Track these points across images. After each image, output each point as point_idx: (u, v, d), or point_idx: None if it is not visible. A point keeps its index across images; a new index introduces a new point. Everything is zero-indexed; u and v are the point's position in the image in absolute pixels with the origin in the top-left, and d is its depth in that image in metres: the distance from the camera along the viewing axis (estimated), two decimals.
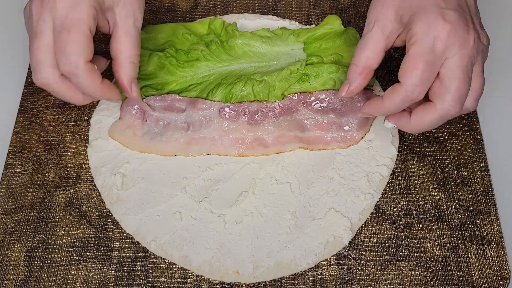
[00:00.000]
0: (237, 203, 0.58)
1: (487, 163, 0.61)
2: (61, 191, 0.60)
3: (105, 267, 0.56)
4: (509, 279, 0.55)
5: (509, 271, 0.56)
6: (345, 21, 0.70)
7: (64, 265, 0.56)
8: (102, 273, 0.55)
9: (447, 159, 0.61)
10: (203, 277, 0.55)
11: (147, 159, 0.60)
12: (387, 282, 0.55)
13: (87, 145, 0.62)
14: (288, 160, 0.60)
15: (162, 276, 0.55)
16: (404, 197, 0.59)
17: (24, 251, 0.56)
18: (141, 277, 0.55)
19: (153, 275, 0.55)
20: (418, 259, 0.56)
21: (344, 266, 0.56)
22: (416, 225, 0.58)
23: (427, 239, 0.57)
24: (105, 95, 0.53)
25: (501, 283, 0.55)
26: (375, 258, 0.56)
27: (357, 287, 0.55)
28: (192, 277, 0.55)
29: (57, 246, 0.57)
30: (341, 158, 0.60)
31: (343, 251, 0.56)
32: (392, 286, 0.55)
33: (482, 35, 0.52)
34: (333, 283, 0.55)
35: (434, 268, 0.56)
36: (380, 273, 0.56)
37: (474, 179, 0.60)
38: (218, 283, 0.55)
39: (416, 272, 0.56)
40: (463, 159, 0.61)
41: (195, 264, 0.55)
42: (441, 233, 0.57)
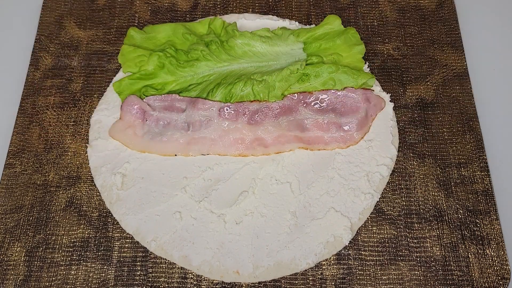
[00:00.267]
0: (237, 203, 0.58)
1: (487, 163, 0.61)
2: (61, 191, 0.60)
3: (105, 267, 0.56)
4: (509, 279, 0.55)
5: (509, 271, 0.56)
6: (345, 21, 0.70)
7: (64, 265, 0.56)
8: (102, 273, 0.55)
9: (447, 159, 0.61)
10: (203, 277, 0.55)
11: (147, 159, 0.60)
12: (387, 282, 0.55)
13: (87, 145, 0.62)
14: (288, 160, 0.60)
15: (162, 276, 0.55)
16: (404, 197, 0.59)
17: (24, 251, 0.56)
18: (141, 277, 0.55)
19: (153, 275, 0.55)
20: (418, 259, 0.56)
21: (344, 266, 0.56)
22: (416, 225, 0.58)
23: (427, 239, 0.57)
24: None
25: (501, 283, 0.55)
26: (375, 258, 0.56)
27: (357, 287, 0.55)
28: (192, 277, 0.55)
29: (57, 246, 0.57)
30: (341, 158, 0.60)
31: (343, 251, 0.56)
32: (392, 286, 0.55)
33: None
34: (333, 283, 0.55)
35: (434, 268, 0.56)
36: (380, 273, 0.55)
37: (474, 179, 0.60)
38: (218, 283, 0.55)
39: (416, 272, 0.56)
40: (463, 159, 0.61)
41: (195, 264, 0.55)
42: (441, 233, 0.57)
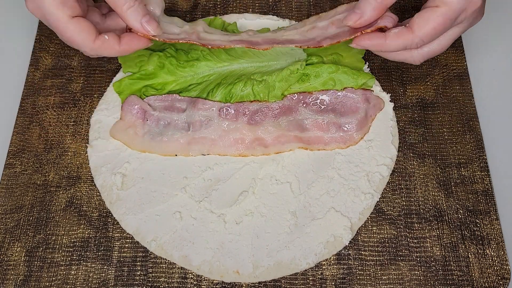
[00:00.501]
0: (237, 203, 0.58)
1: (487, 163, 0.61)
2: (61, 191, 0.60)
3: (105, 267, 0.56)
4: (509, 279, 0.55)
5: (509, 271, 0.56)
6: None
7: (64, 265, 0.56)
8: (102, 273, 0.55)
9: (447, 159, 0.61)
10: (203, 277, 0.55)
11: (147, 159, 0.60)
12: (387, 282, 0.55)
13: (87, 145, 0.62)
14: (288, 160, 0.60)
15: (162, 276, 0.55)
16: (404, 197, 0.59)
17: (24, 251, 0.56)
18: (141, 277, 0.55)
19: (153, 275, 0.55)
20: (418, 259, 0.56)
21: (344, 266, 0.56)
22: (416, 225, 0.58)
23: (427, 239, 0.57)
24: (132, 50, 0.55)
25: (501, 283, 0.55)
26: (375, 258, 0.56)
27: (357, 287, 0.55)
28: (192, 277, 0.55)
29: (57, 246, 0.57)
30: (341, 158, 0.60)
31: (343, 251, 0.56)
32: (392, 286, 0.55)
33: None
34: (333, 283, 0.55)
35: (434, 268, 0.56)
36: (380, 273, 0.56)
37: (474, 179, 0.60)
38: (218, 283, 0.55)
39: (416, 272, 0.56)
40: (463, 159, 0.61)
41: (195, 264, 0.55)
42: (441, 233, 0.57)
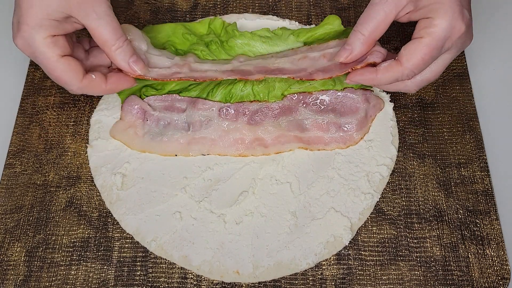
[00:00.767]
0: (237, 203, 0.58)
1: (487, 163, 0.61)
2: (61, 191, 0.60)
3: (105, 267, 0.56)
4: (509, 279, 0.55)
5: (509, 271, 0.56)
6: (345, 21, 0.70)
7: (64, 265, 0.56)
8: (102, 273, 0.55)
9: (447, 159, 0.61)
10: (203, 277, 0.55)
11: (147, 159, 0.60)
12: (387, 282, 0.55)
13: (87, 145, 0.62)
14: (288, 160, 0.60)
15: (162, 276, 0.55)
16: (404, 197, 0.59)
17: (24, 251, 0.56)
18: (141, 277, 0.55)
19: (153, 275, 0.55)
20: (418, 259, 0.56)
21: (344, 266, 0.56)
22: (416, 225, 0.58)
23: (427, 239, 0.57)
24: (118, 89, 0.57)
25: (501, 283, 0.55)
26: (375, 258, 0.56)
27: (357, 287, 0.55)
28: (192, 277, 0.55)
29: (57, 246, 0.57)
30: (341, 158, 0.60)
31: (343, 251, 0.56)
32: (392, 286, 0.55)
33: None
34: (333, 283, 0.55)
35: (434, 268, 0.56)
36: (380, 273, 0.56)
37: (474, 179, 0.60)
38: (218, 283, 0.55)
39: (416, 272, 0.56)
40: (463, 159, 0.61)
41: (195, 264, 0.55)
42: (441, 233, 0.57)
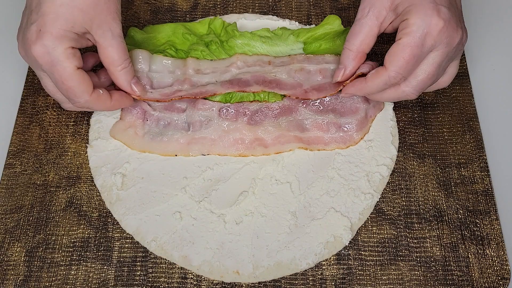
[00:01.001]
0: (237, 203, 0.58)
1: (487, 163, 0.61)
2: (61, 191, 0.60)
3: (105, 267, 0.56)
4: (509, 279, 0.55)
5: (509, 271, 0.56)
6: (345, 21, 0.70)
7: (64, 265, 0.56)
8: (102, 273, 0.55)
9: (447, 159, 0.61)
10: (203, 277, 0.55)
11: (147, 159, 0.60)
12: (387, 282, 0.55)
13: (87, 145, 0.62)
14: (288, 160, 0.60)
15: (162, 276, 0.55)
16: (404, 197, 0.59)
17: (24, 251, 0.56)
18: (141, 277, 0.55)
19: (153, 275, 0.55)
20: (418, 259, 0.56)
21: (344, 266, 0.56)
22: (416, 225, 0.58)
23: (427, 239, 0.57)
24: (120, 106, 0.59)
25: (501, 283, 0.55)
26: (375, 258, 0.56)
27: (357, 287, 0.55)
28: (192, 277, 0.55)
29: (57, 246, 0.57)
30: (341, 158, 0.60)
31: (343, 251, 0.56)
32: (392, 286, 0.55)
33: (465, 33, 0.55)
34: (333, 283, 0.55)
35: (434, 268, 0.56)
36: (380, 273, 0.56)
37: (474, 179, 0.60)
38: (218, 283, 0.55)
39: (416, 272, 0.56)
40: (463, 159, 0.61)
41: (195, 264, 0.55)
42: (441, 233, 0.57)
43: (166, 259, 0.56)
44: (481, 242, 0.57)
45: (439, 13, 0.52)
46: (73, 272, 0.55)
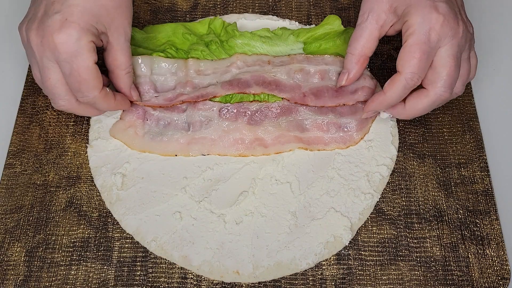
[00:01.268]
0: (237, 203, 0.58)
1: (487, 163, 0.61)
2: (61, 191, 0.60)
3: (105, 267, 0.56)
4: (509, 279, 0.55)
5: (509, 271, 0.56)
6: (345, 21, 0.70)
7: (64, 265, 0.56)
8: (102, 273, 0.55)
9: (447, 159, 0.61)
10: (203, 277, 0.55)
11: (147, 159, 0.60)
12: (387, 282, 0.55)
13: (87, 145, 0.62)
14: (288, 160, 0.60)
15: (162, 276, 0.55)
16: (404, 197, 0.59)
17: (24, 251, 0.56)
18: (141, 277, 0.55)
19: (153, 275, 0.55)
20: (418, 259, 0.56)
21: (344, 266, 0.56)
22: (416, 225, 0.58)
23: (427, 239, 0.57)
24: (119, 108, 0.59)
25: (501, 283, 0.55)
26: (375, 258, 0.56)
27: (357, 287, 0.55)
28: (192, 277, 0.55)
29: (57, 246, 0.57)
30: (341, 158, 0.60)
31: (343, 251, 0.56)
32: (392, 286, 0.55)
33: (468, 24, 0.56)
34: (333, 283, 0.55)
35: (434, 268, 0.56)
36: (380, 273, 0.56)
37: (474, 179, 0.60)
38: (218, 283, 0.55)
39: (416, 272, 0.56)
40: (463, 159, 0.61)
41: (195, 264, 0.55)
42: (441, 233, 0.57)
43: (166, 259, 0.56)
44: (481, 242, 0.57)
45: (437, 9, 0.53)
46: (73, 272, 0.55)
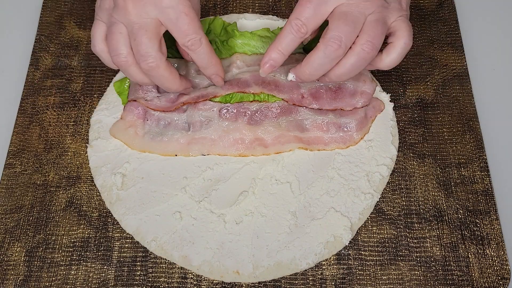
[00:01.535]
0: (237, 203, 0.58)
1: (487, 163, 0.61)
2: (61, 191, 0.60)
3: (105, 267, 0.56)
4: (509, 279, 0.55)
5: (509, 271, 0.56)
6: None
7: (64, 265, 0.56)
8: (102, 273, 0.55)
9: (447, 159, 0.61)
10: (203, 277, 0.55)
11: (147, 159, 0.60)
12: (387, 282, 0.55)
13: (87, 145, 0.62)
14: (288, 160, 0.60)
15: (162, 276, 0.55)
16: (404, 197, 0.59)
17: (24, 251, 0.56)
18: (141, 277, 0.55)
19: (153, 275, 0.55)
20: (418, 259, 0.56)
21: (344, 266, 0.56)
22: (416, 225, 0.58)
23: (427, 239, 0.57)
24: (179, 89, 0.57)
25: (501, 283, 0.55)
26: (375, 258, 0.56)
27: (357, 287, 0.55)
28: (192, 277, 0.55)
29: (57, 246, 0.57)
30: (341, 158, 0.60)
31: (343, 251, 0.56)
32: (392, 286, 0.55)
33: None
34: (333, 283, 0.55)
35: (434, 268, 0.56)
36: (380, 273, 0.56)
37: (474, 179, 0.60)
38: (218, 283, 0.55)
39: (416, 272, 0.56)
40: (463, 159, 0.61)
41: (195, 264, 0.55)
42: (441, 233, 0.57)
43: (166, 259, 0.56)
44: (481, 242, 0.57)
45: None
46: (73, 272, 0.55)
